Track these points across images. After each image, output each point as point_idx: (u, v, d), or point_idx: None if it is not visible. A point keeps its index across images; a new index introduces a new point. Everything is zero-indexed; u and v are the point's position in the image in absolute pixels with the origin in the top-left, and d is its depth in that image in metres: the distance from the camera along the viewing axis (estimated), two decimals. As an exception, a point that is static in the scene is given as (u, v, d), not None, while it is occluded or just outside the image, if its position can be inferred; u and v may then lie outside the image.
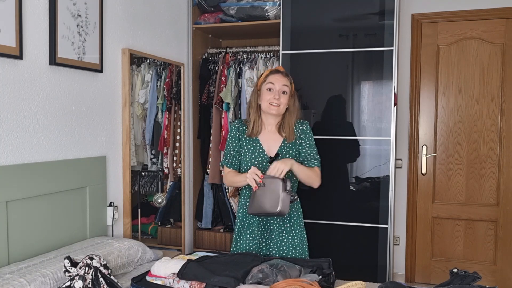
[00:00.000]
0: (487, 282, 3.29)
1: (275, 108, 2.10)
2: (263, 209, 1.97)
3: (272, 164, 2.00)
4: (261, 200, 1.96)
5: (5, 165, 1.91)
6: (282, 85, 2.10)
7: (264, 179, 1.96)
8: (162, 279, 1.81)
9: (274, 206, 1.93)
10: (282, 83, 2.11)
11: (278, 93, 2.09)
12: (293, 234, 2.16)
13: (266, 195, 1.95)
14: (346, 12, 3.02)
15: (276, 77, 2.13)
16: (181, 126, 3.28)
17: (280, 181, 1.95)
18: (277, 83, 2.11)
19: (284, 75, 2.16)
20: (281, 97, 2.10)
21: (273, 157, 2.09)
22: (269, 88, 2.11)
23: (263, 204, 1.96)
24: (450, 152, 3.43)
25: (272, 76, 2.13)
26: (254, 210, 2.01)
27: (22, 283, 1.63)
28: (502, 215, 3.35)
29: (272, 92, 2.10)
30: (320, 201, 3.05)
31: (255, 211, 2.01)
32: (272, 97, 2.09)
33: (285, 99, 2.12)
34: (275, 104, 2.09)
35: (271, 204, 1.94)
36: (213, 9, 3.43)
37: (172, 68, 3.19)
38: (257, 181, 1.95)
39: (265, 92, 2.12)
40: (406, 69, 3.46)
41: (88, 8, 2.33)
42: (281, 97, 2.10)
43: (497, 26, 3.28)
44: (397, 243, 3.54)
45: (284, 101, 2.11)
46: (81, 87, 2.34)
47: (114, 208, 2.53)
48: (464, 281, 1.68)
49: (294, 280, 1.63)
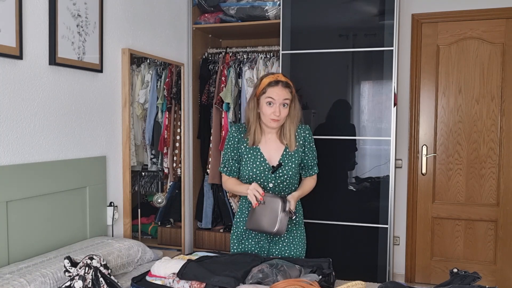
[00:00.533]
0: (487, 282, 3.29)
1: (276, 123, 2.03)
2: (260, 227, 1.97)
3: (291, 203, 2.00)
4: (260, 218, 1.96)
5: (5, 165, 1.91)
6: (283, 99, 2.01)
7: (264, 197, 1.95)
8: (162, 279, 1.81)
9: (272, 225, 1.93)
10: (283, 97, 2.00)
11: (278, 108, 2.00)
12: (293, 234, 2.16)
13: (265, 213, 1.95)
14: (346, 12, 3.02)
15: (277, 90, 2.01)
16: (181, 126, 3.28)
17: (280, 201, 1.94)
18: (277, 98, 2.00)
19: (284, 86, 2.03)
20: (282, 111, 2.01)
21: (275, 166, 2.06)
22: (269, 102, 2.02)
23: (261, 221, 1.96)
24: (450, 152, 3.43)
25: (273, 90, 2.01)
26: (251, 226, 2.00)
27: (22, 283, 1.63)
28: (502, 215, 3.35)
29: (272, 106, 2.01)
30: (320, 201, 3.05)
31: (252, 227, 2.00)
32: (272, 112, 2.01)
33: (286, 111, 2.03)
34: (276, 119, 2.02)
35: (269, 223, 1.94)
36: (213, 9, 3.43)
37: (172, 68, 3.19)
38: (257, 198, 1.94)
39: (265, 106, 2.03)
40: (406, 69, 3.46)
41: (88, 8, 2.33)
42: (282, 111, 2.01)
43: (497, 26, 3.28)
44: (397, 243, 3.54)
45: (285, 114, 2.03)
46: (81, 87, 2.34)
47: (114, 208, 2.53)
48: (464, 281, 1.68)
49: (294, 280, 1.63)
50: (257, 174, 2.07)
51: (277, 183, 2.08)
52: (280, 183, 2.08)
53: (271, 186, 2.08)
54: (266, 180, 2.07)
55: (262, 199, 1.94)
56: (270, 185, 2.08)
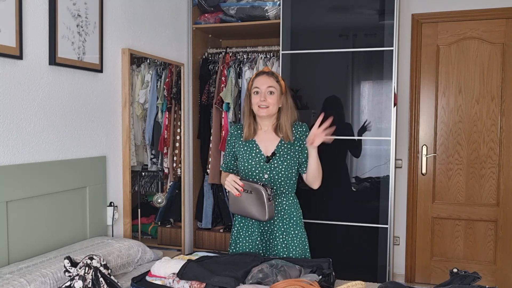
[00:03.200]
0: (487, 282, 3.29)
1: (264, 110, 2.11)
2: (249, 214, 2.05)
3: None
4: (248, 206, 2.03)
5: (5, 165, 1.91)
6: (267, 86, 2.11)
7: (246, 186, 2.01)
8: (162, 279, 1.81)
9: (262, 214, 2.01)
10: (267, 85, 2.11)
11: (264, 95, 2.10)
12: (293, 234, 2.16)
13: (252, 201, 2.01)
14: (346, 12, 3.02)
15: (261, 79, 2.14)
16: (181, 126, 3.28)
17: (263, 190, 1.99)
18: (262, 86, 2.12)
19: (269, 75, 2.15)
20: (268, 98, 2.10)
21: (270, 156, 2.10)
22: (255, 91, 2.13)
23: (250, 210, 2.03)
24: (450, 152, 3.43)
25: (257, 79, 2.14)
26: (237, 212, 2.09)
27: (22, 283, 1.63)
28: (502, 215, 3.35)
29: (258, 95, 2.12)
30: (320, 201, 3.05)
31: (238, 213, 2.09)
32: (259, 99, 2.11)
33: (273, 99, 2.12)
34: (263, 106, 2.11)
35: (259, 212, 2.01)
36: (213, 9, 3.43)
37: (172, 68, 3.19)
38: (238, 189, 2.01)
39: (253, 96, 2.14)
40: (406, 69, 3.46)
41: (88, 8, 2.33)
42: (268, 98, 2.10)
43: (497, 26, 3.28)
44: (397, 243, 3.54)
45: (272, 101, 2.11)
46: (81, 87, 2.34)
47: (114, 208, 2.53)
48: (464, 281, 1.68)
49: (294, 280, 1.63)
50: (252, 165, 2.13)
51: (272, 174, 2.11)
52: (276, 174, 2.11)
53: (266, 177, 2.11)
54: (261, 171, 2.12)
55: (243, 190, 2.00)
56: (265, 176, 2.11)
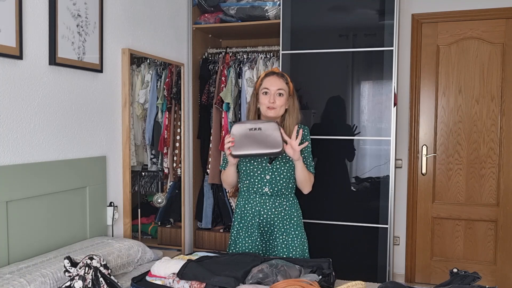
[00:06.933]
0: (487, 282, 3.29)
1: (272, 111, 2.12)
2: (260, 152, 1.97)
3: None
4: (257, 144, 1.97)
5: (5, 165, 1.91)
6: (277, 88, 2.12)
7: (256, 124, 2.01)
8: (162, 279, 1.81)
9: (277, 145, 1.95)
10: (277, 87, 2.12)
11: (273, 96, 2.11)
12: (293, 235, 2.16)
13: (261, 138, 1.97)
14: (346, 12, 3.02)
15: (271, 80, 2.14)
16: (181, 126, 3.28)
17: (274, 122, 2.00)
18: (271, 86, 2.12)
19: (279, 76, 2.16)
20: (277, 100, 2.11)
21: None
22: (265, 92, 2.13)
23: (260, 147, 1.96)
24: (450, 152, 3.43)
25: (267, 80, 2.15)
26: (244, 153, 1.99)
27: (22, 283, 1.63)
28: (502, 215, 3.35)
29: (268, 95, 2.12)
30: (320, 201, 3.05)
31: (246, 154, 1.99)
32: (268, 100, 2.11)
33: (282, 100, 2.13)
34: (272, 107, 2.11)
35: (273, 145, 1.96)
36: (213, 9, 3.43)
37: (172, 68, 3.19)
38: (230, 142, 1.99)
39: (262, 96, 2.15)
40: (406, 69, 3.46)
41: (88, 8, 2.33)
42: (277, 99, 2.11)
43: (497, 26, 3.28)
44: (397, 243, 3.54)
45: (281, 102, 2.12)
46: (81, 87, 2.34)
47: (114, 208, 2.53)
48: (464, 281, 1.68)
49: (294, 280, 1.63)
50: (255, 165, 2.13)
51: (274, 175, 2.12)
52: (278, 175, 2.12)
53: (267, 178, 2.12)
54: (263, 172, 2.12)
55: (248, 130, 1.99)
56: (267, 177, 2.12)
